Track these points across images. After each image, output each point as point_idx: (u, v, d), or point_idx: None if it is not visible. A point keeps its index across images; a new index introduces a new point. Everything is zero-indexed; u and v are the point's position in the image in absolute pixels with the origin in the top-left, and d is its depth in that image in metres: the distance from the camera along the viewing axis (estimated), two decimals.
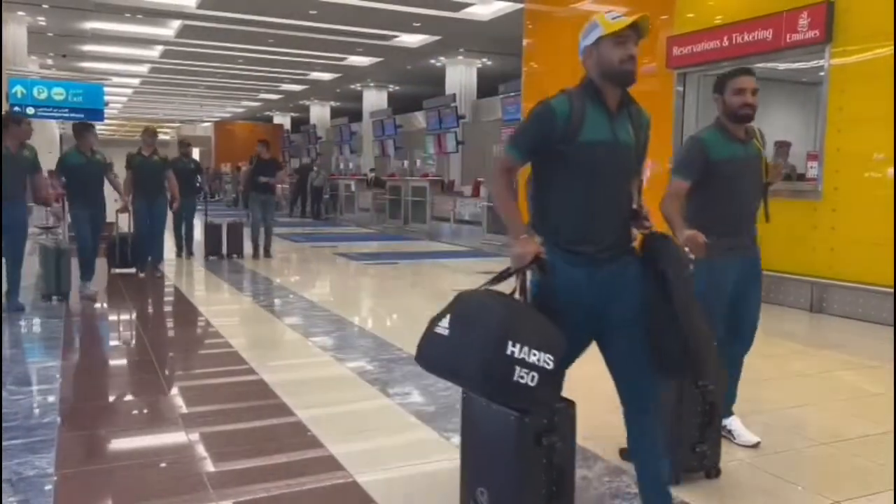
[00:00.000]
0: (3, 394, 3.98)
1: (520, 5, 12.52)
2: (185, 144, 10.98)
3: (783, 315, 6.95)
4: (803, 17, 7.01)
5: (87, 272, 7.21)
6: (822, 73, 7.17)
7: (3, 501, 2.69)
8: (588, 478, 2.98)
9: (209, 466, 3.14)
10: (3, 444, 3.23)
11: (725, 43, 7.81)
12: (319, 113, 31.34)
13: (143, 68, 23.97)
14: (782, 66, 8.69)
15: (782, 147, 8.11)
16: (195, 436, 3.53)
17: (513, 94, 14.44)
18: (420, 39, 18.40)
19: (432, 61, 20.86)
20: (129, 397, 4.36)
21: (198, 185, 10.81)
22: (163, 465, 3.18)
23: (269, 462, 3.18)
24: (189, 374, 4.92)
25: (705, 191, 3.20)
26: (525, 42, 11.58)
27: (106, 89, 17.80)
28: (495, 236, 12.58)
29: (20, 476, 2.90)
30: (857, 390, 4.57)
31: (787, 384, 4.67)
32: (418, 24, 16.57)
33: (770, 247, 7.30)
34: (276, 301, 7.58)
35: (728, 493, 2.92)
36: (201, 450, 3.37)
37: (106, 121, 22.83)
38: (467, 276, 9.86)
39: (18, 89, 13.81)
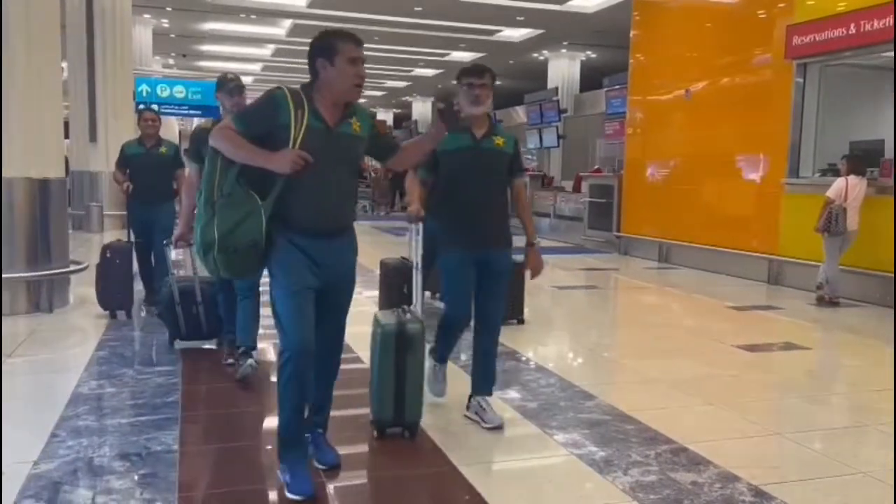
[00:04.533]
0: (132, 373, 4.28)
1: None
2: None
3: None
4: None
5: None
6: None
7: (134, 474, 2.90)
8: (698, 483, 2.89)
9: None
10: (133, 420, 3.49)
11: (852, 31, 7.35)
12: (421, 109, 31.77)
13: (257, 66, 25.04)
14: None
15: None
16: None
17: (617, 86, 14.15)
18: (523, 33, 18.32)
19: (535, 55, 20.71)
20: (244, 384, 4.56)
21: None
22: (268, 447, 3.31)
23: (374, 448, 3.27)
24: None
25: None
26: (632, 33, 11.31)
27: None
28: (596, 232, 12.38)
29: (148, 451, 3.12)
30: None
31: None
32: (522, 18, 16.49)
33: (884, 247, 6.88)
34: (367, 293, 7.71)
35: None
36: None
37: None
38: (567, 272, 9.74)
39: (144, 88, 14.77)
